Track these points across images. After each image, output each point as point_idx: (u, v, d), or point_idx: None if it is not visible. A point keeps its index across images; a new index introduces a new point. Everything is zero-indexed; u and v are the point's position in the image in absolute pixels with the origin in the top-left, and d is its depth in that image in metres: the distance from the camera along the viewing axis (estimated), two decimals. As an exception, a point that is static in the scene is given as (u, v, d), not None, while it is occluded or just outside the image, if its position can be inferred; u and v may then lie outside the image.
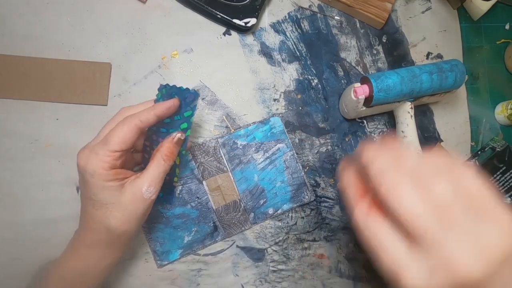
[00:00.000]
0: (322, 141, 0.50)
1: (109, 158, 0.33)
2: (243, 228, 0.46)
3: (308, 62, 0.51)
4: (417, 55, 0.54)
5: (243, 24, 0.46)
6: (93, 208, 0.34)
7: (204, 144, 0.46)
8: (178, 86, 0.37)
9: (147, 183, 0.34)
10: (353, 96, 0.45)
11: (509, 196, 0.52)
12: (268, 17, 0.50)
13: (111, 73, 0.45)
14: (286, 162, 0.48)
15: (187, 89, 0.36)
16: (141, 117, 0.34)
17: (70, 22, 0.45)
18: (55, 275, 0.35)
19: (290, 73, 0.50)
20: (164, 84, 0.38)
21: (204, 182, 0.46)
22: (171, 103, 0.36)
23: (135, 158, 0.41)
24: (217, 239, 0.46)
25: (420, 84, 0.45)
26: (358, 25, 0.53)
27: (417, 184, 0.22)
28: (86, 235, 0.35)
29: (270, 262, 0.47)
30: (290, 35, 0.50)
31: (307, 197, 0.47)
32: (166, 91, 0.38)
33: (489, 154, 0.53)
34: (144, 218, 0.36)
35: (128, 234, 0.35)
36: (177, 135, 0.37)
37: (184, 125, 0.37)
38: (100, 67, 0.45)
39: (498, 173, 0.52)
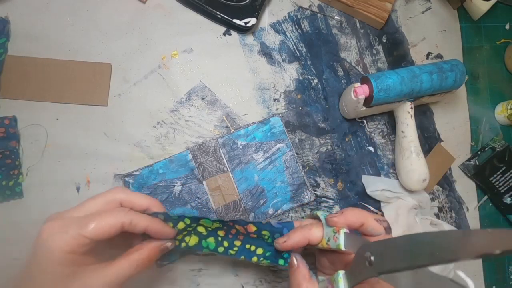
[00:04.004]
0: (322, 141, 0.50)
1: (75, 242, 0.27)
2: (243, 228, 0.46)
3: (308, 62, 0.51)
4: (417, 55, 0.54)
5: (243, 24, 0.47)
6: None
7: (204, 144, 0.46)
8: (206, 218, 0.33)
9: (102, 285, 0.28)
10: (353, 96, 0.45)
11: (509, 196, 0.52)
12: (268, 17, 0.50)
13: (111, 73, 0.45)
14: (286, 162, 0.48)
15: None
16: (135, 220, 0.29)
17: (70, 22, 0.45)
18: None
19: (290, 73, 0.50)
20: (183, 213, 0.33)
21: (204, 182, 0.46)
22: (168, 233, 0.31)
23: None
24: (217, 239, 0.45)
25: (420, 84, 0.45)
26: (358, 25, 0.53)
27: None
28: None
29: (270, 262, 0.47)
30: (290, 35, 0.50)
31: (307, 197, 0.47)
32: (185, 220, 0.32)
33: (489, 154, 0.53)
34: None
35: None
36: (168, 244, 0.31)
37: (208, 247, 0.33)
38: (100, 67, 0.45)
39: (498, 173, 0.52)
